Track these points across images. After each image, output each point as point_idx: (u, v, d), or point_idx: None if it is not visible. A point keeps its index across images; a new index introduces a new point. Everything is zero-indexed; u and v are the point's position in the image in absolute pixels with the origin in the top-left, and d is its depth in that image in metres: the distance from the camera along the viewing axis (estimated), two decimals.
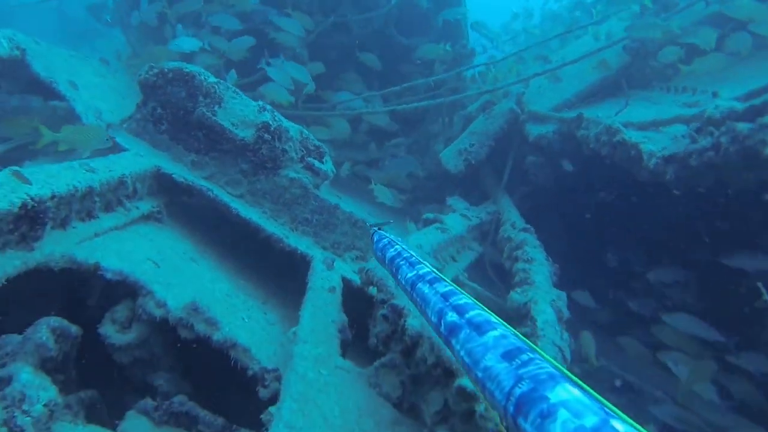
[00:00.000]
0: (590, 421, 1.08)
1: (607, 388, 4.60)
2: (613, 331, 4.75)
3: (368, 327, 3.09)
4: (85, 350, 2.82)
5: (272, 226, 3.98)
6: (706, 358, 3.82)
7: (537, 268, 4.18)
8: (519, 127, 5.69)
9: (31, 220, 2.68)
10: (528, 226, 4.81)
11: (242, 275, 3.92)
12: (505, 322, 1.63)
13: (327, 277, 3.64)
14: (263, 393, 2.82)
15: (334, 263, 3.85)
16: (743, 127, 3.55)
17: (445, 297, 1.93)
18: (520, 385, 1.30)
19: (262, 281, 4.00)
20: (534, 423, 1.19)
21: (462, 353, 1.64)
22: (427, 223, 4.48)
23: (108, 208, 3.37)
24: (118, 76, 5.44)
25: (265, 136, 4.10)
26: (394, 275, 2.48)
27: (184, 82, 4.11)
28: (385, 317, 2.76)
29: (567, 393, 1.20)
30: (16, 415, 2.22)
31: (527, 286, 3.90)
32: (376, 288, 3.09)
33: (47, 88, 4.27)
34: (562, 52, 7.25)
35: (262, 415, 2.36)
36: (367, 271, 3.11)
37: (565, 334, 3.57)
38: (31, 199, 2.64)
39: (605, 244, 5.29)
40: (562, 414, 1.13)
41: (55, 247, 2.82)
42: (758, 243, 4.03)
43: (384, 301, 2.83)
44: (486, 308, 1.76)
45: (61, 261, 2.80)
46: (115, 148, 3.81)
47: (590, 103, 5.75)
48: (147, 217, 3.67)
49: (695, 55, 5.19)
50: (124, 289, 2.92)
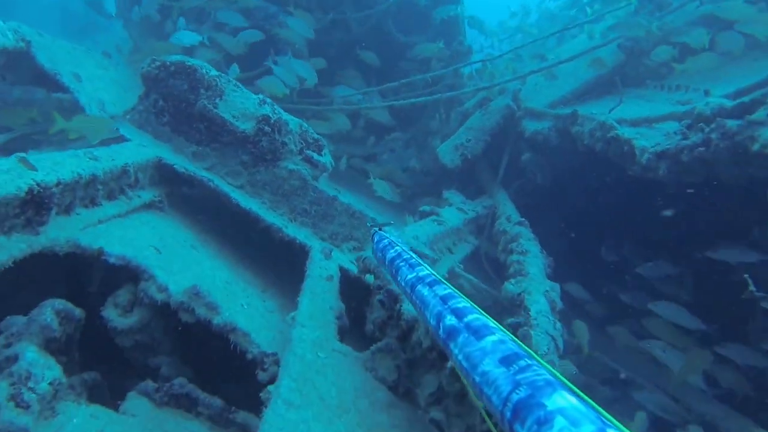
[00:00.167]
0: (587, 430, 1.08)
1: (600, 381, 4.68)
2: (606, 324, 4.82)
3: (365, 317, 3.15)
4: (87, 337, 2.89)
5: (272, 217, 4.05)
6: (693, 349, 3.89)
7: (531, 260, 4.26)
8: (515, 123, 5.77)
9: (36, 205, 2.75)
10: (523, 219, 4.89)
11: (242, 265, 3.98)
12: (503, 327, 1.64)
13: (325, 266, 3.71)
14: (262, 376, 2.88)
15: (332, 253, 3.92)
16: (732, 123, 3.64)
17: (444, 300, 1.93)
18: (517, 391, 1.30)
19: (262, 271, 4.06)
20: (531, 429, 1.18)
21: (460, 357, 1.64)
22: (424, 215, 4.55)
23: (111, 197, 3.44)
24: (120, 69, 5.51)
25: (265, 128, 4.17)
26: (394, 276, 2.49)
27: (186, 75, 4.18)
28: (382, 302, 2.83)
29: (564, 400, 1.19)
30: (22, 391, 2.29)
31: (521, 277, 3.97)
32: (372, 275, 3.16)
33: (51, 80, 4.32)
34: (558, 50, 7.34)
35: (261, 393, 2.43)
36: (364, 259, 3.18)
37: (558, 324, 3.64)
38: (38, 185, 2.71)
39: (601, 240, 5.36)
40: (559, 422, 1.13)
41: (60, 233, 2.89)
42: (749, 237, 4.12)
43: (380, 287, 2.90)
44: (484, 312, 1.76)
45: (66, 246, 2.87)
46: (118, 139, 3.88)
47: (585, 100, 5.84)
48: (148, 205, 3.74)
49: (688, 54, 5.29)
50: (127, 274, 2.99)
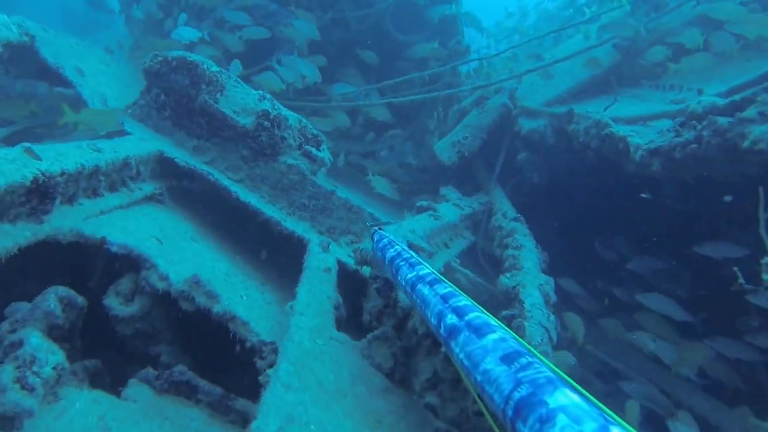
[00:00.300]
0: (589, 427, 1.08)
1: (594, 374, 4.74)
2: (598, 318, 4.88)
3: (361, 310, 3.20)
4: (87, 328, 2.94)
5: (271, 210, 4.11)
6: (694, 344, 3.94)
7: (526, 254, 4.32)
8: (511, 121, 5.84)
9: (41, 195, 2.80)
10: (518, 215, 4.95)
11: (240, 259, 4.04)
12: (504, 325, 1.65)
13: (323, 259, 3.77)
14: (261, 364, 2.93)
15: (330, 246, 3.98)
16: (723, 121, 3.72)
17: (445, 299, 1.94)
18: (519, 389, 1.30)
19: (261, 266, 4.12)
20: (533, 428, 1.18)
21: (461, 356, 1.65)
22: (421, 210, 4.61)
23: (113, 188, 3.50)
24: (121, 65, 5.57)
25: (265, 123, 4.23)
26: (394, 276, 2.51)
27: (188, 71, 4.24)
28: (378, 290, 2.89)
29: (566, 398, 1.19)
30: (27, 374, 2.34)
31: (516, 271, 4.03)
32: (369, 267, 3.22)
33: (54, 74, 4.38)
34: (555, 50, 7.42)
35: (259, 377, 2.48)
36: (360, 251, 3.24)
37: (552, 317, 3.70)
38: (42, 174, 2.76)
39: (596, 237, 5.42)
40: (561, 419, 1.13)
41: (63, 222, 2.94)
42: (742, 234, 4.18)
43: (377, 277, 2.96)
44: (485, 310, 1.78)
45: (69, 234, 2.92)
46: (120, 132, 3.94)
47: (581, 99, 5.90)
48: (149, 198, 3.80)
49: (683, 54, 5.37)
50: (128, 263, 3.04)
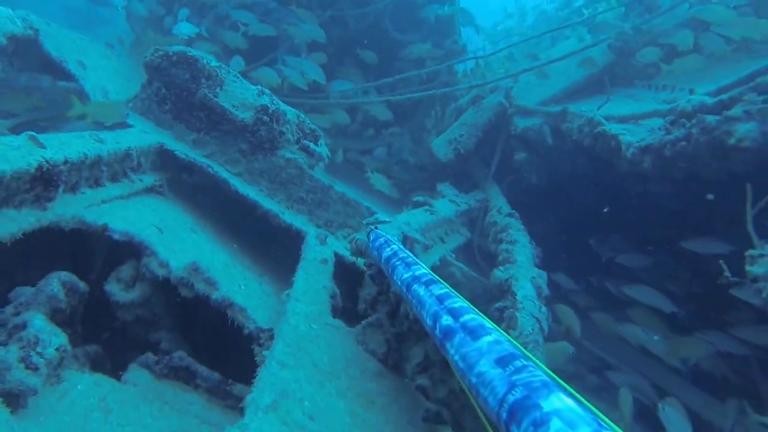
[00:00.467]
0: None
1: (588, 369, 4.82)
2: (591, 312, 4.96)
3: (358, 301, 3.27)
4: (88, 315, 3.01)
5: (269, 203, 4.18)
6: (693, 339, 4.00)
7: (520, 249, 4.40)
8: (507, 120, 5.93)
9: (45, 182, 2.87)
10: (513, 211, 5.04)
11: (239, 251, 4.11)
12: (499, 328, 1.68)
13: (320, 251, 3.85)
14: (258, 350, 3.01)
15: (327, 239, 4.06)
16: (711, 119, 3.82)
17: (441, 300, 1.96)
18: (513, 392, 1.30)
19: (259, 258, 4.19)
20: (527, 431, 1.18)
21: (456, 357, 1.66)
22: (417, 205, 4.69)
23: (114, 179, 3.57)
24: (122, 60, 5.65)
25: (264, 117, 4.31)
26: (390, 275, 2.53)
27: (188, 65, 4.32)
28: (372, 278, 2.97)
29: (560, 402, 1.19)
30: (31, 354, 2.41)
31: (510, 265, 4.12)
32: (364, 257, 3.29)
33: (57, 68, 4.46)
34: (551, 51, 7.52)
35: (256, 357, 2.55)
36: (356, 241, 3.31)
37: (544, 308, 3.78)
38: (47, 162, 2.83)
39: (591, 233, 5.50)
40: (555, 423, 1.13)
41: (66, 209, 3.02)
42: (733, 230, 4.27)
43: (371, 264, 3.04)
44: (480, 312, 1.80)
45: (72, 222, 2.99)
46: (122, 125, 4.02)
47: (576, 99, 6.00)
48: (150, 189, 3.87)
49: (675, 55, 5.48)
50: (129, 251, 3.12)
